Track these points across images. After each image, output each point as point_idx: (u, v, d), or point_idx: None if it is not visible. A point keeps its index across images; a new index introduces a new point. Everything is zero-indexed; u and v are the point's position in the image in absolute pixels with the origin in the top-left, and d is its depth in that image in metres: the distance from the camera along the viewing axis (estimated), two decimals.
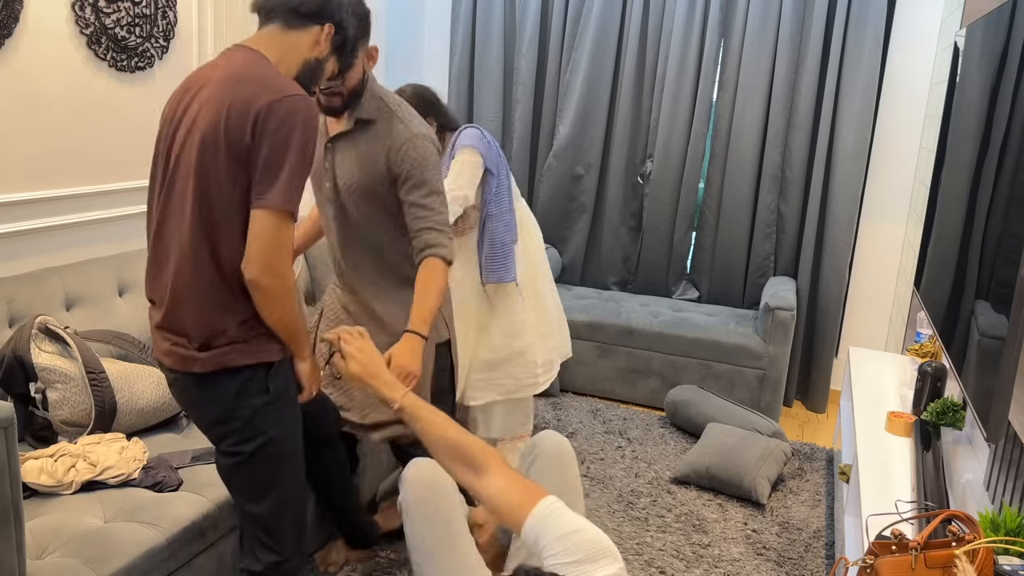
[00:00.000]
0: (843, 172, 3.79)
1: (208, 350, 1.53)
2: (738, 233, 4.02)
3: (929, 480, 2.00)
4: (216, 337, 1.53)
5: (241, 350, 1.54)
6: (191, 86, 1.55)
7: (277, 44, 1.57)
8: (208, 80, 1.52)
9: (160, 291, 1.57)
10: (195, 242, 1.49)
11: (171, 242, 1.53)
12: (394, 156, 1.93)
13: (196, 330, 1.52)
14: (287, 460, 1.66)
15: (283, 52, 1.57)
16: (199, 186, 1.48)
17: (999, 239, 1.79)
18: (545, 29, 4.24)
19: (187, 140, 1.50)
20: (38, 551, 1.65)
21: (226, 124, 1.46)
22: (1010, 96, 1.88)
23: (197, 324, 1.52)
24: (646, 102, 4.10)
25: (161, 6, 2.73)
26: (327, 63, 1.66)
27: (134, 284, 2.59)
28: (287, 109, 1.46)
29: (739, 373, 3.64)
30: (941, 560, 1.42)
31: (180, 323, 1.53)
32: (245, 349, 1.55)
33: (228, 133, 1.46)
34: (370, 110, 1.96)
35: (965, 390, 1.89)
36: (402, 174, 1.93)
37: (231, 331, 1.53)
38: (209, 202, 1.48)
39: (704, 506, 2.89)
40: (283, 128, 1.45)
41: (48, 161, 2.44)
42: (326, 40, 1.62)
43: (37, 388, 2.03)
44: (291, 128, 1.46)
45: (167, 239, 1.54)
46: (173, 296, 1.53)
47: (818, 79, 3.79)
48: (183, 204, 1.50)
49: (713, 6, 3.86)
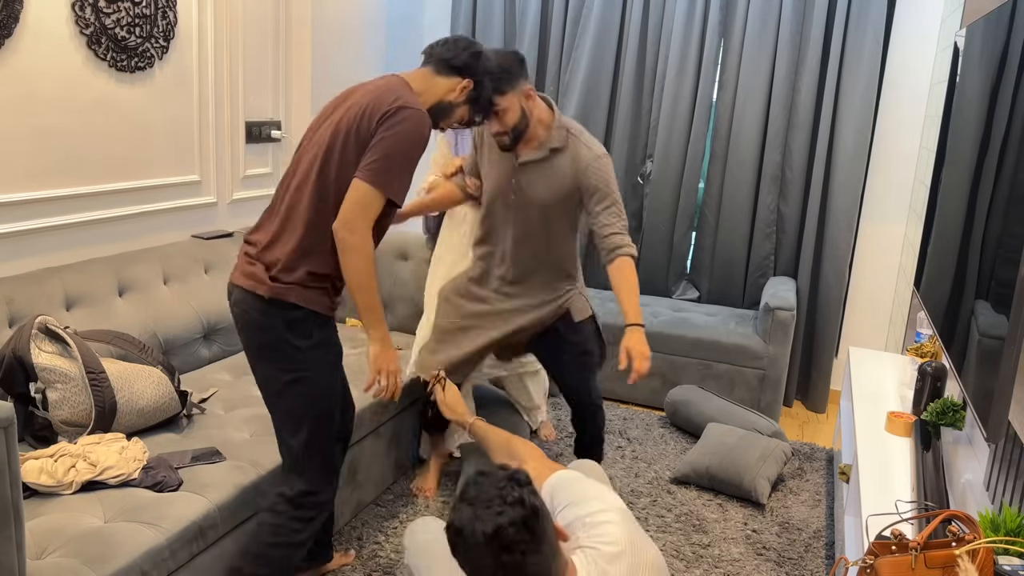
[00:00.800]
0: (843, 172, 3.79)
1: (276, 281, 1.85)
2: (738, 233, 4.02)
3: (929, 480, 2.00)
4: (287, 274, 1.85)
5: (298, 292, 1.85)
6: (348, 94, 1.93)
7: (424, 81, 1.96)
8: (361, 89, 1.91)
9: (265, 232, 1.91)
10: (307, 202, 1.85)
11: (291, 199, 1.89)
12: (582, 175, 2.34)
13: (277, 264, 1.86)
14: (317, 402, 1.92)
15: (426, 87, 1.95)
16: (324, 160, 1.84)
17: (999, 239, 1.79)
18: (545, 29, 4.24)
19: (323, 126, 1.90)
20: (38, 551, 1.65)
21: (361, 117, 1.83)
22: (1010, 96, 1.88)
23: (279, 259, 1.86)
24: (646, 102, 4.10)
25: (161, 6, 2.73)
26: (458, 109, 2.01)
27: (134, 284, 2.59)
28: (406, 115, 1.82)
29: (739, 373, 3.64)
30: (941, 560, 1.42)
31: (269, 255, 1.87)
32: (301, 293, 1.85)
33: (360, 125, 1.83)
34: (560, 139, 2.35)
35: (965, 390, 1.89)
36: (589, 189, 2.33)
37: (299, 275, 1.85)
38: (328, 175, 1.84)
39: (704, 506, 2.89)
40: (397, 126, 1.81)
41: (48, 161, 2.44)
42: (462, 91, 1.99)
43: (37, 388, 2.03)
44: (402, 128, 1.81)
45: (287, 196, 1.90)
46: (275, 236, 1.88)
47: (818, 79, 3.79)
48: (308, 173, 1.86)
49: (713, 6, 3.86)
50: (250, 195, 3.33)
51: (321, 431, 1.95)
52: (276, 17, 3.34)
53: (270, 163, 3.44)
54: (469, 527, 1.30)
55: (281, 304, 1.85)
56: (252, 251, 1.91)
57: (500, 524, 1.27)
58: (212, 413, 2.38)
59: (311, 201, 1.85)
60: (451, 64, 1.96)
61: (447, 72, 1.97)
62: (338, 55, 3.66)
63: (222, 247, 2.98)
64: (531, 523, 1.29)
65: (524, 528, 1.28)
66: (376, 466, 2.73)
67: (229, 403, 2.45)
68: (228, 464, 2.07)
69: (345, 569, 2.38)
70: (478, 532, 1.28)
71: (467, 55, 1.97)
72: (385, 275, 3.31)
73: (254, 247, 1.91)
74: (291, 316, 1.86)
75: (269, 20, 3.30)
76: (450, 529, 1.34)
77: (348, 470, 2.54)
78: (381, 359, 1.96)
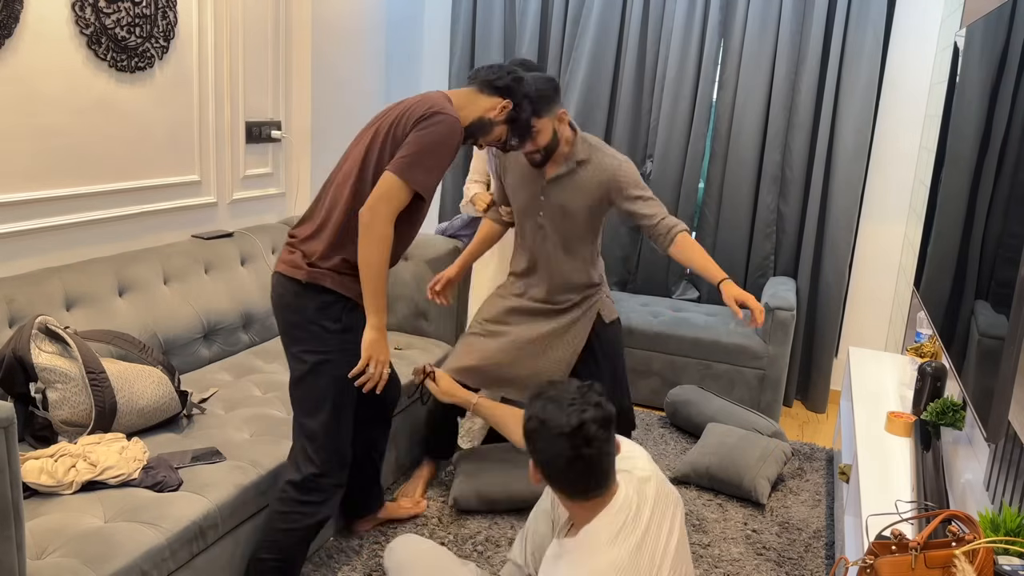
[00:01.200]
0: (843, 172, 3.79)
1: (313, 267, 2.01)
2: (738, 233, 4.02)
3: (929, 480, 2.00)
4: (323, 261, 2.01)
5: (332, 277, 2.01)
6: (394, 105, 2.08)
7: (466, 98, 2.10)
8: (405, 101, 2.07)
9: (308, 226, 2.08)
10: (347, 200, 2.00)
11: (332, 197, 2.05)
12: (611, 181, 2.50)
13: (315, 252, 2.02)
14: (339, 385, 2.04)
15: (468, 104, 2.09)
16: (363, 162, 2.01)
17: (999, 239, 1.79)
18: (545, 29, 4.24)
19: (366, 132, 2.07)
20: (38, 551, 1.65)
21: (398, 122, 2.00)
22: (1010, 96, 1.88)
23: (318, 249, 2.01)
24: (646, 102, 4.10)
25: (161, 6, 2.73)
26: (497, 127, 2.15)
27: (134, 284, 2.59)
28: (441, 119, 1.96)
29: (739, 373, 3.64)
30: (941, 560, 1.42)
31: (308, 246, 2.04)
32: (335, 278, 2.01)
33: (397, 128, 1.99)
34: (584, 152, 2.51)
35: (965, 390, 1.89)
36: (624, 190, 2.50)
37: (334, 262, 2.01)
38: (366, 176, 2.00)
39: (704, 506, 2.89)
40: (430, 126, 1.95)
41: (48, 161, 2.44)
42: (502, 111, 2.12)
43: (37, 388, 2.03)
44: (434, 130, 1.95)
45: (330, 194, 2.06)
46: (316, 230, 2.04)
47: (818, 79, 3.79)
48: (349, 174, 2.02)
49: (713, 6, 3.86)
50: (250, 195, 3.33)
51: (339, 414, 2.05)
52: (276, 17, 3.34)
53: (270, 163, 3.44)
54: (554, 419, 1.41)
55: (315, 288, 2.01)
56: (294, 242, 2.08)
57: (584, 419, 1.39)
58: (212, 413, 2.38)
59: (349, 199, 2.00)
60: (494, 85, 2.11)
61: (489, 92, 2.12)
62: (338, 55, 3.66)
63: (222, 247, 2.99)
64: (608, 424, 1.43)
65: (603, 427, 1.41)
66: None
67: (229, 403, 2.45)
68: (228, 464, 2.07)
69: (345, 569, 2.38)
70: (563, 424, 1.40)
71: (510, 78, 2.11)
72: None
73: (296, 239, 2.08)
74: (323, 300, 2.01)
75: (269, 20, 3.30)
76: (532, 420, 1.45)
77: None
78: (375, 347, 2.01)
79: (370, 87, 3.96)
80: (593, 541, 1.45)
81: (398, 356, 2.96)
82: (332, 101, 3.67)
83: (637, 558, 1.44)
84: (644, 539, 1.47)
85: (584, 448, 1.39)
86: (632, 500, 1.50)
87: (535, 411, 1.46)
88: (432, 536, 2.59)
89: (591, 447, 1.40)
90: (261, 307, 3.01)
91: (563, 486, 1.45)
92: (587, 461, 1.40)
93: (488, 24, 4.28)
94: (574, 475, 1.41)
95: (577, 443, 1.39)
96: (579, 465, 1.40)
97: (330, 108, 3.66)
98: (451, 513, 2.73)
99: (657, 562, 1.47)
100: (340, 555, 2.45)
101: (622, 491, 1.51)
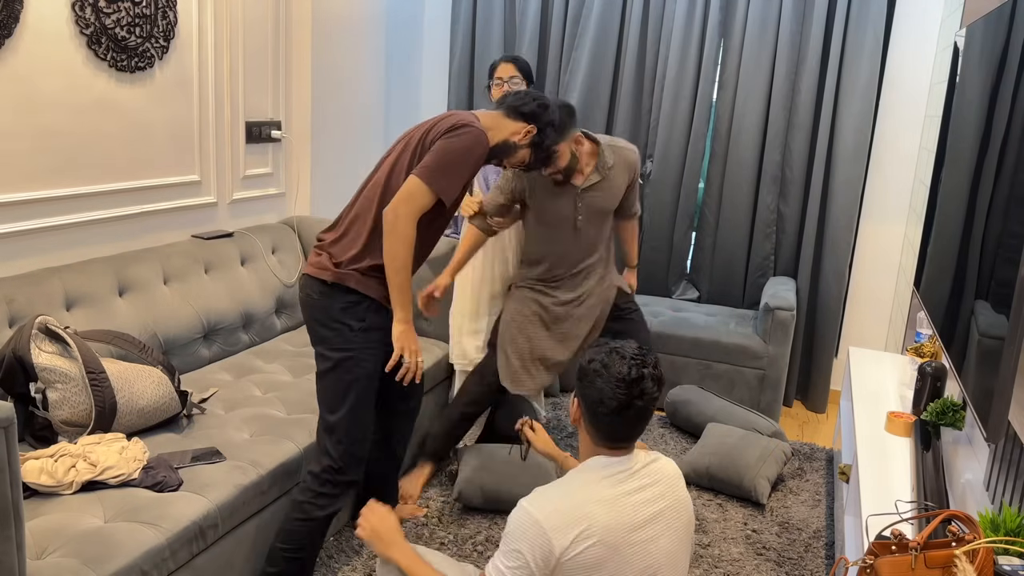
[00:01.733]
0: (843, 172, 3.79)
1: (339, 267, 2.10)
2: (738, 233, 4.02)
3: (929, 480, 2.00)
4: (349, 264, 2.11)
5: (356, 278, 2.10)
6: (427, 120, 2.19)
7: (493, 120, 2.21)
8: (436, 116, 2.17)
9: (336, 231, 2.18)
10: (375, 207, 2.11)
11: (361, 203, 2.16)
12: (633, 168, 2.78)
13: (342, 255, 2.12)
14: (361, 382, 2.13)
15: (494, 126, 2.19)
16: (391, 171, 2.12)
17: (999, 239, 1.79)
18: (545, 29, 4.24)
19: (399, 142, 2.18)
20: (38, 551, 1.65)
21: (426, 134, 2.11)
22: (1010, 96, 1.88)
23: (345, 252, 2.12)
24: (646, 102, 4.10)
25: (161, 6, 2.73)
26: (520, 150, 2.25)
27: (134, 284, 2.59)
28: (466, 130, 2.07)
29: (739, 373, 3.64)
30: (941, 560, 1.42)
31: (335, 248, 2.14)
32: (359, 279, 2.10)
33: (425, 140, 2.11)
34: (611, 157, 2.72)
35: (965, 390, 1.89)
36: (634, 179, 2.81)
37: (359, 264, 2.10)
38: (392, 184, 2.10)
39: (704, 506, 2.89)
40: (455, 137, 2.06)
41: (48, 161, 2.44)
42: (526, 135, 2.23)
43: (37, 388, 2.03)
44: (459, 139, 2.06)
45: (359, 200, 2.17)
46: (343, 233, 2.15)
47: (818, 79, 3.79)
48: (378, 183, 2.14)
49: (713, 6, 3.86)
50: (250, 195, 3.33)
51: (358, 411, 2.14)
52: (276, 17, 3.34)
53: (270, 163, 3.44)
54: (616, 366, 1.52)
55: (341, 288, 2.10)
56: (322, 245, 2.18)
57: (644, 374, 1.52)
58: (212, 413, 2.38)
59: (377, 205, 2.10)
60: (520, 110, 2.22)
61: (515, 117, 2.22)
62: (338, 55, 3.66)
63: (222, 247, 2.99)
64: (660, 385, 1.55)
65: (657, 386, 1.54)
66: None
67: (229, 403, 2.45)
68: (228, 464, 2.07)
69: (345, 569, 2.38)
70: (624, 372, 1.51)
71: (535, 105, 2.22)
72: None
73: (323, 242, 2.18)
74: (348, 300, 2.10)
75: (269, 20, 3.30)
76: (593, 362, 1.55)
77: None
78: (405, 337, 2.10)
79: (370, 87, 3.96)
80: (585, 466, 1.57)
81: None
82: (332, 101, 3.67)
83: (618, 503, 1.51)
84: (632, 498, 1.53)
85: (636, 400, 1.51)
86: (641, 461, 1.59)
87: (599, 356, 1.56)
88: (432, 536, 2.59)
89: (642, 399, 1.51)
90: (261, 307, 3.02)
91: (600, 427, 1.55)
92: (635, 411, 1.51)
93: (488, 24, 4.28)
94: (618, 421, 1.52)
95: (633, 392, 1.51)
96: (627, 413, 1.51)
97: (330, 108, 3.66)
98: (451, 512, 2.74)
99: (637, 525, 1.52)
100: (340, 555, 2.45)
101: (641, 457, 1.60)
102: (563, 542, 1.45)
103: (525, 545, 1.47)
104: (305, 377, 2.70)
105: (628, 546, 1.50)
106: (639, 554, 1.51)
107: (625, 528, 1.50)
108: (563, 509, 1.47)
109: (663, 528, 1.56)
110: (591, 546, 1.46)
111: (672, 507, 1.59)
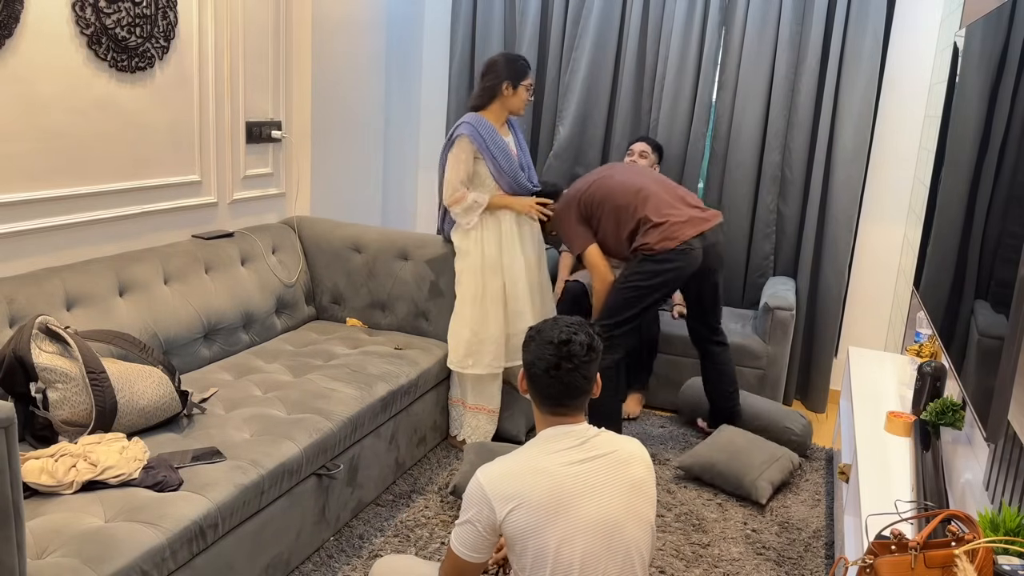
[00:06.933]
0: (843, 172, 3.79)
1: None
2: (738, 233, 4.02)
3: (928, 480, 2.00)
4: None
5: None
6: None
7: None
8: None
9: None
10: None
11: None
12: None
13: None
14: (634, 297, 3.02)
15: None
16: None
17: (999, 239, 1.79)
18: (545, 29, 4.24)
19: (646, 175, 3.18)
20: (38, 551, 1.65)
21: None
22: (1010, 96, 1.88)
23: None
24: (646, 102, 4.10)
25: (161, 6, 2.73)
26: None
27: (134, 284, 2.59)
28: None
29: (739, 373, 3.64)
30: (940, 560, 1.42)
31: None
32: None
33: None
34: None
35: (965, 390, 1.89)
36: None
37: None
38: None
39: (704, 506, 2.89)
40: None
41: (48, 161, 2.44)
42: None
43: (37, 388, 2.03)
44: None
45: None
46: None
47: (818, 79, 3.80)
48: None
49: (713, 6, 3.86)
50: (250, 195, 3.33)
51: (629, 319, 3.04)
52: (276, 17, 3.34)
53: (270, 163, 3.44)
54: (548, 331, 1.67)
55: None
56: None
57: (571, 338, 1.65)
58: (212, 413, 2.38)
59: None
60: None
61: None
62: (338, 55, 3.66)
63: (222, 247, 2.99)
64: (590, 352, 1.66)
65: (586, 351, 1.65)
66: (376, 466, 2.73)
67: (229, 403, 2.45)
68: (228, 464, 2.07)
69: (345, 569, 2.38)
70: (553, 335, 1.65)
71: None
72: (385, 275, 3.31)
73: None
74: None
75: (269, 20, 3.31)
76: (531, 329, 1.72)
77: (348, 469, 2.54)
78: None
79: (370, 87, 3.96)
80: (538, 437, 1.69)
81: (398, 356, 2.96)
82: (332, 101, 3.67)
83: (559, 473, 1.60)
84: (574, 468, 1.61)
85: (564, 362, 1.63)
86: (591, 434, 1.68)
87: (540, 325, 1.72)
88: (432, 536, 2.59)
89: (570, 361, 1.63)
90: (261, 307, 3.02)
91: (536, 388, 1.68)
92: (564, 372, 1.64)
93: (488, 24, 4.28)
94: (549, 381, 1.65)
95: (561, 353, 1.64)
96: (556, 374, 1.64)
97: (330, 108, 3.66)
98: (452, 512, 2.74)
99: (576, 494, 1.59)
100: (340, 555, 2.45)
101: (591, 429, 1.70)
102: (503, 509, 1.58)
103: (473, 512, 1.61)
104: (305, 377, 2.70)
105: (564, 513, 1.58)
106: (575, 523, 1.58)
107: (563, 497, 1.58)
108: (506, 477, 1.60)
109: (606, 500, 1.62)
110: (526, 513, 1.57)
111: (616, 480, 1.65)
